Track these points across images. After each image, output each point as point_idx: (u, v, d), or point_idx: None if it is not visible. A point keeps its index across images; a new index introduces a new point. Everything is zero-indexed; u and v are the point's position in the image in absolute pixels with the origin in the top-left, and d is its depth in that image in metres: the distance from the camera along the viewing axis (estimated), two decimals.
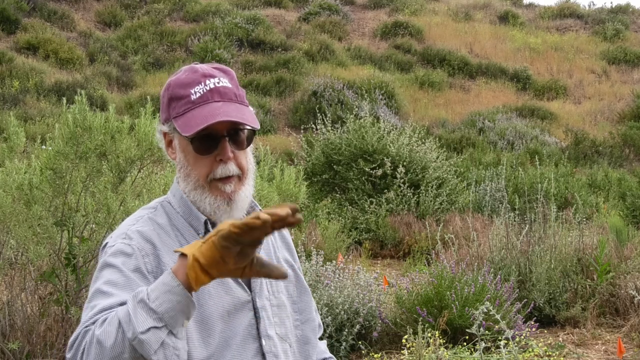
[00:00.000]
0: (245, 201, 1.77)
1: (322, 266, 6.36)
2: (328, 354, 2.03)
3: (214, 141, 1.72)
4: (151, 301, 1.46)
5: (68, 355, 1.53)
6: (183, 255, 1.47)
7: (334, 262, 6.59)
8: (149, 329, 1.44)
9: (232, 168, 1.73)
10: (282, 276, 1.47)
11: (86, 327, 1.53)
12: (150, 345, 1.44)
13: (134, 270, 1.65)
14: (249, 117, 1.74)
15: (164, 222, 1.77)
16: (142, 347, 1.44)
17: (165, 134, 1.81)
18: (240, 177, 1.75)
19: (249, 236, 1.38)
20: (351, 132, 12.40)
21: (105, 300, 1.58)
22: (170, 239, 1.74)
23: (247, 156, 1.79)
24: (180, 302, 1.46)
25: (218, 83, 1.75)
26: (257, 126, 1.76)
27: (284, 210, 1.37)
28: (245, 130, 1.76)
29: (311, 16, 32.85)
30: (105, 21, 30.42)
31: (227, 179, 1.73)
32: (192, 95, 1.73)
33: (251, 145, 1.81)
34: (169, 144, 1.81)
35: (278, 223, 1.37)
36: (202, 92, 1.72)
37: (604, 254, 6.99)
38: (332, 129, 12.83)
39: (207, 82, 1.74)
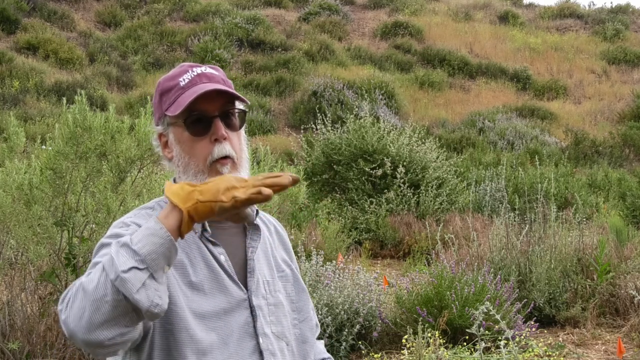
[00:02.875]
0: None
1: (322, 266, 6.36)
2: (326, 354, 2.04)
3: (207, 122, 1.76)
4: (134, 244, 1.49)
5: (59, 307, 1.54)
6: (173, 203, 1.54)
7: (334, 262, 6.59)
8: (130, 269, 1.46)
9: (227, 148, 1.77)
10: (249, 221, 1.68)
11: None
12: (132, 284, 1.46)
13: None
14: (238, 95, 1.80)
15: None
16: (125, 286, 1.46)
17: (160, 136, 1.84)
18: (235, 163, 1.79)
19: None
20: (351, 132, 12.39)
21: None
22: None
23: (241, 142, 1.83)
24: (162, 245, 1.49)
25: (205, 70, 1.81)
26: (247, 102, 1.83)
27: (286, 179, 1.52)
28: (236, 113, 1.81)
29: (311, 16, 32.84)
30: (105, 21, 30.42)
31: (224, 159, 1.77)
32: (180, 82, 1.78)
33: (244, 132, 1.85)
34: (165, 145, 1.83)
35: (277, 191, 1.52)
36: (190, 78, 1.79)
37: (604, 254, 6.99)
38: (332, 129, 12.83)
39: (194, 69, 1.81)
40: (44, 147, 5.20)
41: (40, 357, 4.48)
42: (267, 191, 1.47)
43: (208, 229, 1.79)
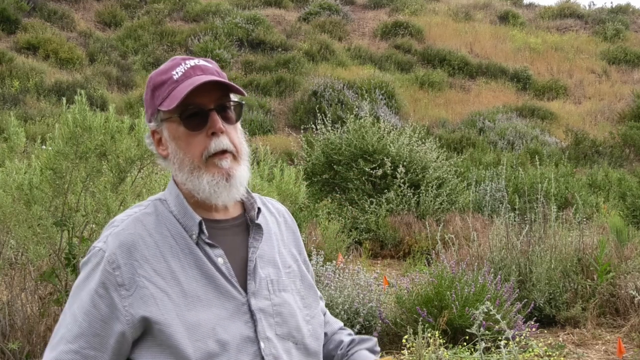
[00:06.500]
0: (243, 180, 1.75)
1: (322, 266, 6.36)
2: (341, 324, 2.02)
3: (203, 116, 1.70)
4: None
5: None
6: None
7: (334, 262, 6.59)
8: None
9: (225, 142, 1.71)
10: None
11: None
12: None
13: (100, 299, 1.66)
14: (234, 85, 1.73)
15: (151, 224, 1.73)
16: None
17: (154, 133, 1.78)
18: (235, 156, 1.73)
19: None
20: (351, 132, 12.39)
21: (66, 345, 1.68)
22: (148, 251, 1.69)
23: (239, 135, 1.77)
24: None
25: (198, 62, 1.75)
26: (245, 93, 1.75)
27: None
28: (232, 106, 1.75)
29: (311, 16, 32.85)
30: (105, 21, 30.43)
31: (222, 153, 1.71)
32: (174, 76, 1.72)
33: (240, 125, 1.80)
34: (159, 142, 1.78)
35: None
36: (183, 71, 1.72)
37: (604, 254, 6.98)
38: (332, 129, 12.82)
39: (187, 62, 1.75)
40: (44, 147, 5.20)
41: (40, 357, 4.48)
42: None
43: (205, 231, 1.72)
